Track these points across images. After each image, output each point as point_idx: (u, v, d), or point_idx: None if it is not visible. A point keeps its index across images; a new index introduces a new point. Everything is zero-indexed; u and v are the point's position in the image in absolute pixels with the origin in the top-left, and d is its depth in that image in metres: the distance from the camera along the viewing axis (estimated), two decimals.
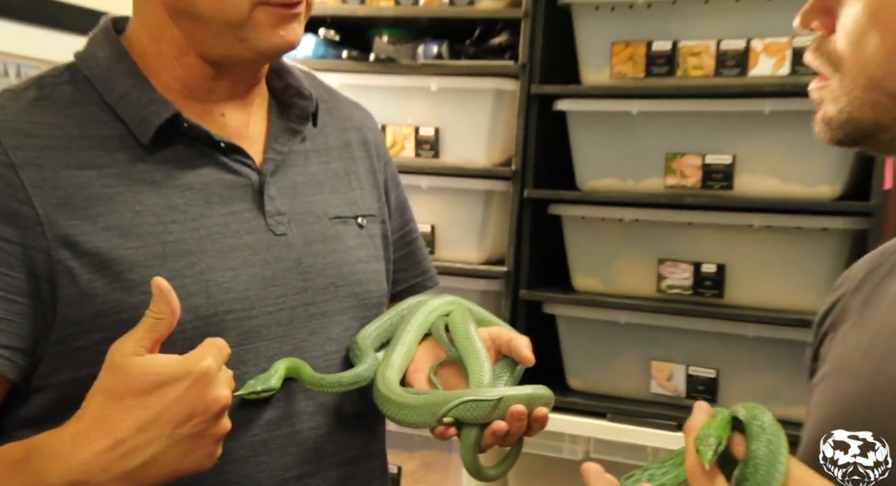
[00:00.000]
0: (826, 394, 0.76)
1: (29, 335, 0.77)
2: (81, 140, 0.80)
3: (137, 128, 0.82)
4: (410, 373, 0.91)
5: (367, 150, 0.99)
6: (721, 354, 1.71)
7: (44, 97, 0.82)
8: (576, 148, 1.81)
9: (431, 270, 1.08)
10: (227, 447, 0.81)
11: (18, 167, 0.77)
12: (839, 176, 1.63)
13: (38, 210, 0.76)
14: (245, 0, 0.80)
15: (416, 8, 1.90)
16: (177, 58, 0.84)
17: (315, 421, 0.87)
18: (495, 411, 0.83)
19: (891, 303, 0.73)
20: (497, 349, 0.93)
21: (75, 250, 0.77)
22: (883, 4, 0.64)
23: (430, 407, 0.84)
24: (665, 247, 1.74)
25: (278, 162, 0.88)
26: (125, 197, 0.80)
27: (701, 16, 1.69)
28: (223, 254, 0.82)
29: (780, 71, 1.64)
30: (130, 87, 0.82)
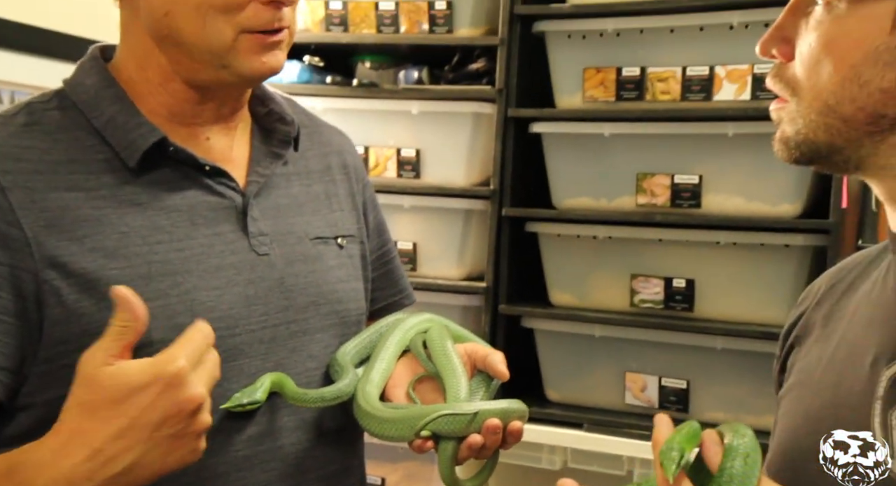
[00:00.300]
0: (792, 405, 0.77)
1: (15, 354, 0.76)
2: (69, 164, 0.80)
3: (124, 151, 0.81)
4: (389, 388, 0.91)
5: (346, 173, 0.99)
6: (692, 365, 1.72)
7: (33, 122, 0.81)
8: (551, 168, 1.82)
9: (408, 288, 1.08)
10: (211, 462, 0.81)
11: (7, 190, 0.76)
12: (799, 195, 1.64)
13: (27, 232, 0.76)
14: (228, 28, 0.80)
15: (397, 35, 1.91)
16: (162, 84, 0.84)
17: (297, 437, 0.87)
18: (471, 424, 0.83)
19: (850, 318, 0.75)
20: (473, 365, 0.93)
21: (62, 271, 0.77)
22: (836, 36, 0.66)
23: (408, 421, 0.84)
24: (637, 263, 1.75)
25: (261, 185, 0.88)
26: (112, 219, 0.80)
27: (667, 44, 1.71)
28: (208, 274, 0.82)
29: (742, 96, 1.66)
30: (117, 112, 0.82)
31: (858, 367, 0.69)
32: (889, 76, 0.64)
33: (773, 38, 0.70)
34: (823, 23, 0.66)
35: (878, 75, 0.64)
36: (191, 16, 0.80)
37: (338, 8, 1.94)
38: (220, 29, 0.80)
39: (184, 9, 0.80)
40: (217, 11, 0.79)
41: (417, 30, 1.89)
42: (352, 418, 0.89)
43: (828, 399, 0.71)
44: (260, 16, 0.81)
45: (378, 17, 1.91)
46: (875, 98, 0.65)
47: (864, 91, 0.65)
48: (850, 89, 0.65)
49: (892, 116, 0.65)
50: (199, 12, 0.79)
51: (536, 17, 1.80)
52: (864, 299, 0.75)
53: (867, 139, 0.66)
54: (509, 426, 0.85)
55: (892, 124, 0.65)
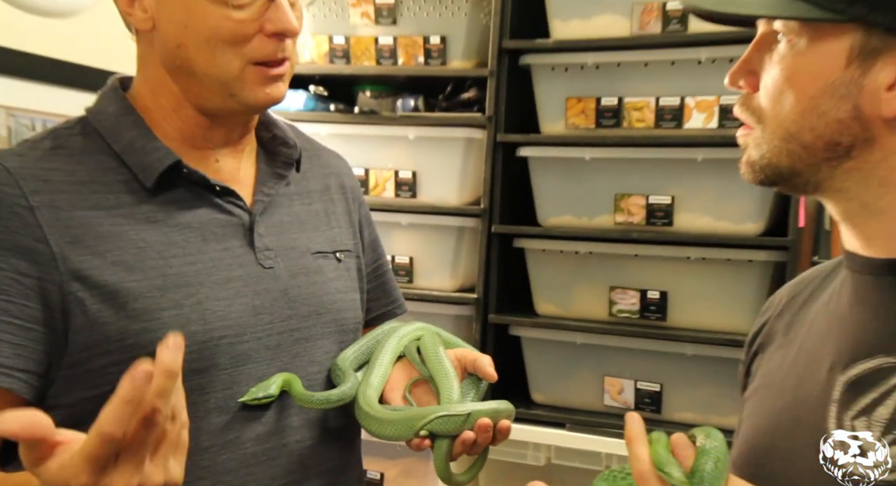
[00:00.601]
0: (756, 407, 0.76)
1: (43, 360, 0.76)
2: (91, 184, 0.80)
3: (142, 173, 0.82)
4: (387, 392, 0.91)
5: (343, 193, 0.99)
6: (664, 370, 1.72)
7: (58, 147, 0.82)
8: (536, 189, 1.82)
9: (400, 299, 1.07)
10: (222, 459, 0.81)
11: (36, 209, 0.77)
12: (762, 215, 1.65)
13: (53, 247, 0.76)
14: (236, 59, 0.80)
15: (395, 67, 1.91)
16: (175, 110, 0.84)
17: (300, 435, 0.87)
18: (465, 424, 0.83)
19: (809, 327, 0.75)
20: (463, 368, 0.92)
21: (85, 283, 0.77)
22: (797, 70, 0.66)
23: (406, 422, 0.84)
24: (615, 276, 1.75)
25: (266, 203, 0.88)
26: (130, 235, 0.80)
27: (642, 76, 1.72)
28: (218, 285, 0.82)
29: (710, 124, 1.67)
30: (135, 137, 0.83)
31: (816, 372, 0.69)
32: (844, 108, 0.64)
33: (740, 71, 0.70)
34: (786, 58, 0.66)
35: (834, 107, 0.64)
36: (202, 48, 0.80)
37: (341, 42, 1.95)
38: (229, 60, 0.80)
39: (195, 41, 0.80)
40: (226, 44, 0.80)
41: (414, 62, 1.89)
42: (350, 418, 0.89)
43: (789, 401, 0.71)
44: (265, 47, 0.81)
45: (378, 50, 1.92)
46: (832, 127, 0.65)
47: (822, 121, 0.65)
48: (809, 119, 0.65)
49: (846, 144, 0.65)
50: (209, 44, 0.80)
51: (523, 51, 1.80)
52: (822, 311, 0.75)
53: (824, 164, 0.66)
54: (499, 424, 0.85)
55: (847, 151, 0.65)
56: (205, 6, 0.79)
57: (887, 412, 0.62)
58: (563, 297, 1.81)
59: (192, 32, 0.80)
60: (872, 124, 0.64)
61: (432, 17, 1.87)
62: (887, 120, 0.64)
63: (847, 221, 0.70)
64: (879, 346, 0.65)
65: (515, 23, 1.80)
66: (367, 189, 1.93)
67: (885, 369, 0.64)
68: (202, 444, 0.80)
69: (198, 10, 0.79)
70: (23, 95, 1.44)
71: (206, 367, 0.81)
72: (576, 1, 1.75)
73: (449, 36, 1.86)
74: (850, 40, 0.63)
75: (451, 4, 1.85)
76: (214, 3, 0.79)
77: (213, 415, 0.81)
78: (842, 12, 0.62)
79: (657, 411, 1.73)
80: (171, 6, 0.80)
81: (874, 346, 0.65)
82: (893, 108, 0.63)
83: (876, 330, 0.66)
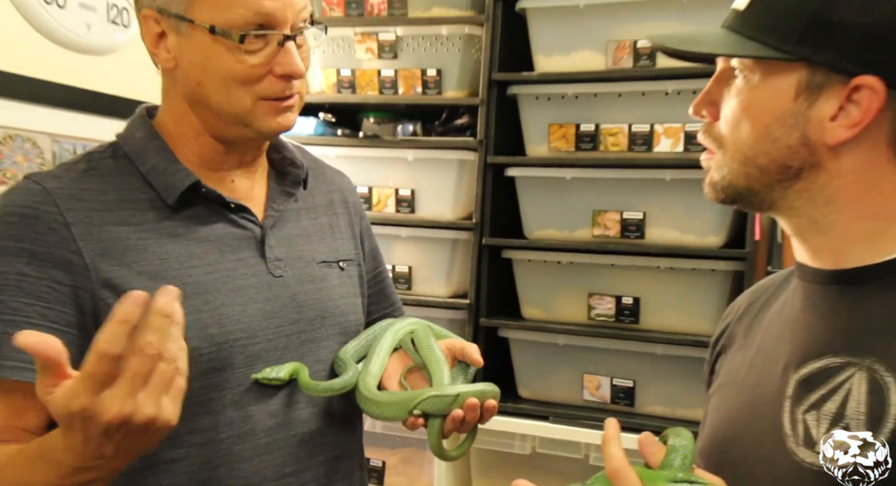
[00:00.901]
0: (720, 402, 0.77)
1: (78, 361, 0.76)
2: (120, 202, 0.81)
3: (165, 192, 0.82)
4: (385, 380, 0.91)
5: (346, 207, 0.99)
6: (637, 368, 1.72)
7: (91, 169, 0.83)
8: (523, 205, 1.83)
9: (398, 303, 1.07)
10: (238, 449, 0.81)
11: (71, 225, 0.77)
12: (722, 229, 1.66)
13: (86, 259, 0.77)
14: (248, 96, 0.81)
15: (395, 96, 1.91)
16: (195, 137, 0.85)
17: (307, 426, 0.87)
18: (454, 403, 0.84)
19: (766, 330, 0.76)
20: (453, 356, 0.92)
21: (115, 291, 0.77)
22: (752, 102, 0.66)
23: (402, 403, 0.85)
24: (593, 283, 1.76)
25: (276, 218, 0.89)
26: (154, 248, 0.80)
27: (616, 106, 1.73)
28: (233, 292, 0.83)
29: (676, 148, 1.68)
30: (160, 160, 0.83)
31: (773, 371, 0.70)
32: (794, 135, 0.65)
33: (702, 102, 0.70)
34: (742, 91, 0.67)
35: (785, 134, 0.65)
36: (218, 86, 0.81)
37: (347, 75, 1.96)
38: (241, 97, 0.81)
39: (212, 80, 0.81)
40: (239, 83, 0.81)
41: (413, 92, 1.90)
42: (353, 409, 0.89)
43: (748, 397, 0.72)
44: (274, 87, 0.82)
45: (380, 81, 1.93)
46: (783, 152, 0.65)
47: (774, 146, 0.66)
48: (763, 144, 0.66)
49: (796, 167, 0.66)
50: (224, 84, 0.81)
51: (510, 83, 1.81)
52: (777, 315, 0.75)
53: (777, 185, 0.67)
54: (485, 403, 0.86)
55: (797, 174, 0.66)
56: (221, 51, 0.79)
57: (834, 406, 0.63)
58: (546, 302, 1.81)
59: (210, 73, 0.80)
60: (818, 150, 0.65)
61: (429, 53, 1.88)
62: (831, 147, 0.64)
63: (797, 235, 0.71)
64: (827, 347, 0.66)
65: (503, 57, 1.81)
66: (370, 205, 1.93)
67: (832, 368, 0.64)
68: (219, 435, 0.81)
69: (215, 55, 0.80)
70: (65, 124, 1.44)
71: (223, 366, 0.81)
72: (557, 38, 1.76)
73: (444, 69, 1.87)
74: (798, 77, 0.64)
75: (445, 41, 1.86)
76: (230, 49, 0.79)
77: (229, 409, 0.81)
78: (789, 52, 0.63)
79: (631, 404, 1.73)
80: (192, 49, 0.81)
81: (822, 347, 0.66)
82: (836, 136, 0.64)
83: (823, 333, 0.67)
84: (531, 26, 1.80)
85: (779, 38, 0.64)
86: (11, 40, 1.40)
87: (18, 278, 0.75)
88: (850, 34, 0.62)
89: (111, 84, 1.52)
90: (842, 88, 0.63)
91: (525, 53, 1.81)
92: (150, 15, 0.82)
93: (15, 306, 0.75)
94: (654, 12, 1.68)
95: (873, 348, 0.63)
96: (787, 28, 0.63)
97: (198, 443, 0.80)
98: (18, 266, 0.75)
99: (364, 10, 1.93)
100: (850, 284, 0.67)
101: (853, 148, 0.65)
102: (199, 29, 0.79)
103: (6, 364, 0.74)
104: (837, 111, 0.63)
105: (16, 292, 0.75)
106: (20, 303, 0.75)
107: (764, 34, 0.65)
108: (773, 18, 0.64)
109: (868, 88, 0.62)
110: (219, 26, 0.79)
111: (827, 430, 0.62)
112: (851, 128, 0.63)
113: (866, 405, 0.61)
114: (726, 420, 0.74)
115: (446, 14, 1.87)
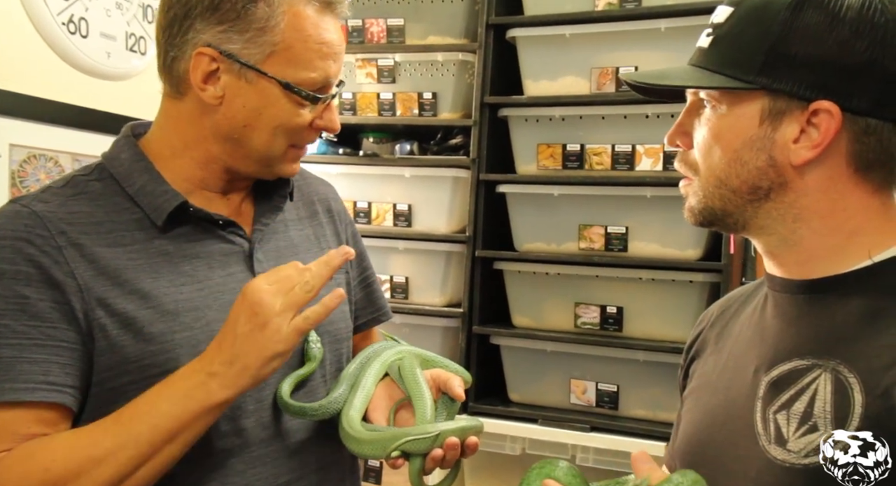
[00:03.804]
0: (694, 404, 0.77)
1: (84, 377, 0.75)
2: (109, 224, 0.78)
3: (153, 213, 0.80)
4: (370, 411, 0.86)
5: (330, 216, 0.96)
6: (621, 373, 1.73)
7: (80, 192, 0.80)
8: (513, 220, 1.84)
9: (385, 307, 1.02)
10: (232, 462, 0.79)
11: (63, 248, 0.75)
12: (700, 243, 1.68)
13: (79, 280, 0.75)
14: (284, 142, 0.82)
15: (393, 118, 1.93)
16: (204, 163, 0.83)
17: (298, 437, 0.85)
18: (433, 443, 0.79)
19: (737, 336, 0.76)
20: (437, 388, 0.87)
21: (107, 310, 0.75)
22: (721, 129, 0.67)
23: (381, 443, 0.80)
24: (579, 294, 1.77)
25: (263, 232, 0.86)
26: (144, 267, 0.78)
27: (601, 127, 1.75)
28: (223, 308, 0.78)
29: (656, 167, 1.69)
30: (147, 181, 0.80)
31: (744, 374, 0.70)
32: (762, 158, 0.66)
33: (676, 133, 0.72)
34: (711, 120, 0.68)
35: (754, 157, 0.66)
36: (266, 131, 0.80)
37: (348, 97, 1.97)
38: (281, 144, 0.81)
39: (264, 126, 0.80)
40: (285, 133, 0.81)
41: (410, 114, 1.91)
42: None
43: (721, 399, 0.72)
44: (310, 137, 0.84)
45: (379, 104, 1.93)
46: (753, 174, 0.66)
47: (745, 169, 0.67)
48: (735, 168, 0.67)
49: (766, 188, 0.66)
50: (273, 131, 0.80)
51: (501, 105, 1.82)
52: (747, 322, 0.75)
53: (749, 205, 0.68)
54: (467, 441, 0.81)
55: (767, 194, 0.67)
56: (284, 103, 0.79)
57: (802, 405, 0.64)
58: (535, 311, 1.82)
59: (264, 120, 0.79)
60: (785, 171, 0.66)
61: (425, 77, 1.89)
62: (796, 167, 0.65)
63: (768, 253, 0.72)
64: (794, 351, 0.66)
65: (495, 82, 1.83)
66: (369, 219, 1.93)
67: (800, 369, 0.65)
68: (212, 449, 0.78)
69: (278, 105, 0.79)
70: (85, 144, 1.46)
71: None
72: (544, 65, 1.78)
73: (439, 92, 1.88)
74: (761, 104, 0.65)
75: (441, 67, 1.88)
76: (294, 103, 0.80)
77: (222, 424, 0.78)
78: (751, 82, 0.65)
79: (615, 408, 1.73)
80: (252, 95, 0.79)
81: (790, 351, 0.67)
82: (800, 156, 0.64)
83: (792, 338, 0.68)
84: (520, 53, 1.82)
85: (741, 71, 0.65)
86: (37, 67, 1.41)
87: (19, 301, 0.73)
88: (806, 64, 0.63)
89: (128, 107, 1.53)
90: (802, 113, 0.64)
91: (515, 78, 1.83)
92: (208, 53, 0.78)
93: (20, 329, 0.73)
94: (635, 42, 1.70)
95: (837, 351, 0.64)
96: (748, 61, 0.65)
97: (190, 459, 0.76)
98: (17, 289, 0.73)
99: (365, 38, 1.95)
100: (817, 293, 0.68)
101: (816, 167, 0.66)
102: (269, 80, 0.78)
103: (18, 387, 0.72)
104: (799, 134, 0.65)
105: (19, 316, 0.73)
106: (25, 326, 0.73)
107: (727, 68, 0.66)
108: (735, 53, 0.66)
109: (825, 112, 0.63)
110: (293, 83, 0.79)
111: (797, 428, 0.63)
112: (813, 148, 0.65)
113: (832, 404, 0.62)
114: (701, 422, 0.74)
115: (441, 42, 1.89)
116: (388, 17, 1.92)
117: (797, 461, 0.62)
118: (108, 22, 1.54)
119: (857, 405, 0.61)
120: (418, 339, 1.64)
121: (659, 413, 1.69)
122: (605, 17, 1.72)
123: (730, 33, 0.67)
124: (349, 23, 1.97)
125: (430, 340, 1.86)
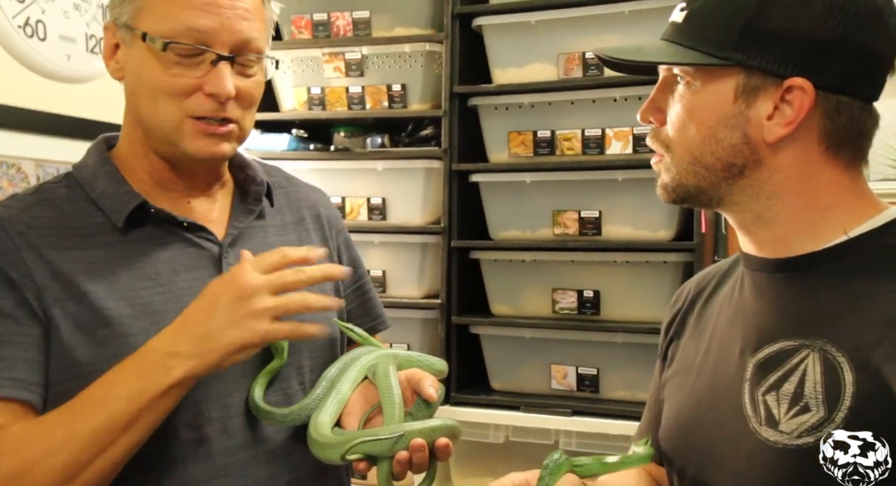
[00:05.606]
0: (677, 387, 0.76)
1: (46, 375, 0.73)
2: (71, 229, 0.77)
3: (113, 215, 0.78)
4: (344, 416, 0.82)
5: (319, 222, 0.93)
6: (600, 356, 1.73)
7: (45, 199, 0.79)
8: (487, 209, 1.82)
9: (383, 315, 0.99)
10: (192, 471, 0.76)
11: (21, 249, 0.75)
12: (672, 224, 1.67)
13: (36, 281, 0.74)
14: (175, 111, 0.76)
15: (363, 111, 1.90)
16: (143, 155, 0.81)
17: (269, 447, 0.81)
18: (396, 445, 0.74)
19: (717, 317, 0.76)
20: (412, 389, 0.82)
21: (63, 312, 0.74)
22: (695, 106, 0.67)
23: (338, 445, 0.75)
24: (556, 279, 1.76)
25: (235, 236, 0.83)
26: (103, 271, 0.76)
27: (570, 113, 1.73)
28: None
29: (626, 150, 1.69)
30: (108, 184, 0.79)
31: (729, 356, 0.70)
32: (736, 135, 0.65)
33: (648, 109, 0.71)
34: (685, 96, 0.67)
35: (728, 134, 0.66)
36: (147, 97, 0.77)
37: (317, 92, 1.94)
38: (168, 110, 0.77)
39: (142, 90, 0.78)
40: (167, 95, 0.76)
41: (379, 106, 1.88)
42: None
43: (707, 382, 0.72)
44: (203, 105, 0.77)
45: (349, 97, 1.91)
46: (727, 151, 0.66)
47: (719, 146, 0.66)
48: (709, 145, 0.66)
49: (740, 165, 0.66)
50: (151, 95, 0.77)
51: (470, 95, 1.80)
52: (725, 302, 0.75)
53: (724, 182, 0.67)
54: (437, 442, 0.75)
55: (741, 171, 0.67)
56: (153, 62, 0.76)
57: (791, 386, 0.63)
58: (513, 299, 1.80)
59: (141, 83, 0.77)
60: (759, 148, 0.65)
61: (393, 69, 1.87)
62: (770, 144, 0.65)
63: (743, 229, 0.71)
64: (780, 332, 0.66)
65: (463, 71, 1.81)
66: (344, 214, 1.91)
67: (787, 350, 0.65)
68: (172, 457, 0.76)
69: (148, 65, 0.76)
70: (49, 149, 1.41)
71: None
72: (511, 52, 1.77)
73: (408, 84, 1.85)
74: (735, 81, 0.65)
75: (408, 58, 1.85)
76: (161, 60, 0.76)
77: (182, 431, 0.76)
78: (726, 58, 0.64)
79: (596, 391, 1.73)
80: (132, 59, 0.78)
81: (776, 331, 0.66)
82: (774, 134, 0.64)
83: (775, 318, 0.67)
84: (487, 42, 1.80)
85: (716, 47, 0.64)
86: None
87: None
88: (780, 40, 0.63)
89: (91, 110, 1.48)
90: (776, 90, 0.64)
91: (483, 67, 1.82)
92: (109, 27, 0.80)
93: None
94: (600, 26, 1.70)
95: (823, 330, 0.63)
96: (723, 37, 0.64)
97: (150, 466, 0.74)
98: None
99: (331, 32, 1.92)
100: (795, 271, 0.68)
101: (790, 144, 0.65)
102: (137, 38, 0.76)
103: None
104: (773, 111, 0.65)
105: None
106: None
107: (702, 44, 0.66)
108: (709, 29, 0.65)
109: (799, 89, 0.63)
110: (154, 35, 0.75)
111: (788, 409, 0.62)
112: (787, 126, 0.64)
113: (822, 384, 0.61)
114: (686, 405, 0.74)
115: (408, 33, 1.86)
116: (354, 9, 1.89)
117: (790, 441, 0.62)
118: (66, 24, 1.49)
119: (849, 384, 0.60)
120: (397, 332, 1.61)
121: (639, 394, 1.69)
122: (569, 3, 1.71)
123: (703, 8, 0.66)
124: (314, 17, 1.93)
125: (410, 332, 1.84)
